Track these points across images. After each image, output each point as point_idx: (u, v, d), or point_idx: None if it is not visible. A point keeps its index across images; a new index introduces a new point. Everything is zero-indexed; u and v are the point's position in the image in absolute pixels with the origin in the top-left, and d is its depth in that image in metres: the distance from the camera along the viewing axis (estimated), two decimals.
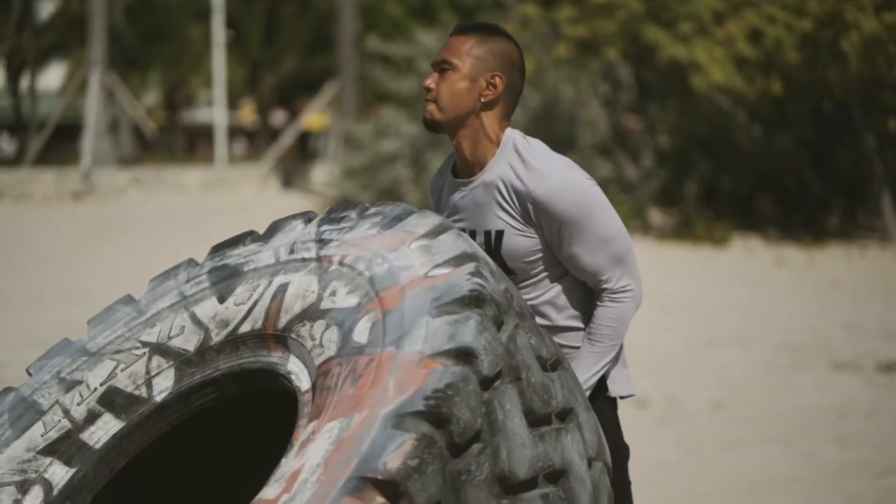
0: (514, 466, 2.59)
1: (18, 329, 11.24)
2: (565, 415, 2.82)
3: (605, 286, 3.24)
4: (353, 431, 2.45)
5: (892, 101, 17.62)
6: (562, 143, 21.20)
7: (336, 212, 3.06)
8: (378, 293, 2.72)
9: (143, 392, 3.07)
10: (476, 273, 2.69)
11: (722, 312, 12.36)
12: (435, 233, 2.83)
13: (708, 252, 17.93)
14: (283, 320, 2.87)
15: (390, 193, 21.14)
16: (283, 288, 2.92)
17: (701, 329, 11.37)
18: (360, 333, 2.67)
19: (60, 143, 41.00)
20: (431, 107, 3.22)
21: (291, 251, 3.00)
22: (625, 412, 7.94)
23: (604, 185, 20.98)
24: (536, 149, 3.23)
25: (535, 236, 3.20)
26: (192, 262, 3.23)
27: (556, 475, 2.72)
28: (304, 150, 43.30)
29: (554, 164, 3.18)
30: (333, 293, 2.81)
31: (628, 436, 7.32)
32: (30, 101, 37.16)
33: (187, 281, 3.15)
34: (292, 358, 2.82)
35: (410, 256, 2.77)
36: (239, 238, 3.19)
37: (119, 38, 35.25)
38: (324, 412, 2.57)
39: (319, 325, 2.77)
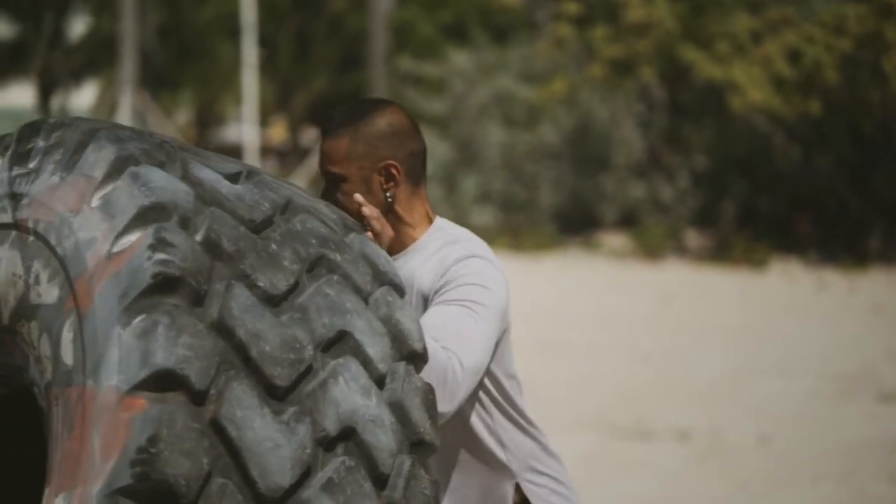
0: (271, 479, 2.12)
1: None
2: (331, 344, 2.27)
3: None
4: None
5: None
6: (596, 163, 20.97)
7: (25, 140, 2.47)
8: (72, 284, 2.26)
9: None
10: (157, 243, 2.16)
11: (763, 339, 12.07)
12: (112, 175, 2.27)
13: (746, 275, 17.63)
14: (6, 315, 2.41)
15: None
16: None
17: (742, 357, 11.09)
18: (66, 350, 2.24)
19: None
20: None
21: None
22: (666, 446, 7.70)
23: (639, 206, 20.89)
24: (467, 234, 2.88)
25: None
26: None
27: (337, 440, 2.22)
28: None
29: (478, 249, 2.82)
30: (37, 280, 2.33)
31: (670, 472, 7.08)
32: None
33: None
34: (31, 366, 2.37)
35: (93, 222, 2.25)
36: None
37: (150, 57, 35.23)
38: (52, 474, 2.22)
39: (35, 327, 2.32)
